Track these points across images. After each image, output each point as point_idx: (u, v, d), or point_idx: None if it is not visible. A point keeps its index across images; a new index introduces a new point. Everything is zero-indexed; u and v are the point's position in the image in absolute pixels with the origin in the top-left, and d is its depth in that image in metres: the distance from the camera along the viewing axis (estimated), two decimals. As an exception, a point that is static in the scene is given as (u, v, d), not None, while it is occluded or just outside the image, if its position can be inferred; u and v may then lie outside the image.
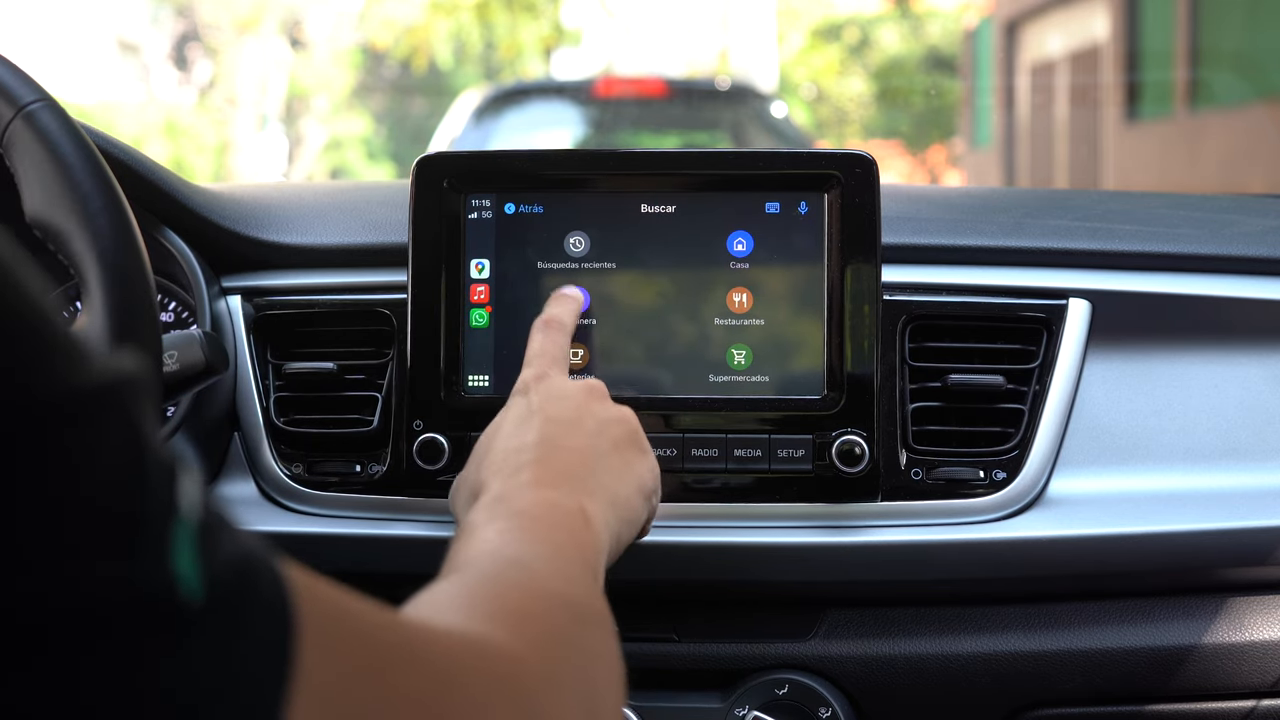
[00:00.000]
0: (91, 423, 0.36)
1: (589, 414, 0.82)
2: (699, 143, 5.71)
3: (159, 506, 0.37)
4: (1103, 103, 10.53)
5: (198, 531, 0.38)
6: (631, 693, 1.02)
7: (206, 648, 0.37)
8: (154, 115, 11.49)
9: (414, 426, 1.00)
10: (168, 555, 0.37)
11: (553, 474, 0.75)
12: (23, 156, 0.84)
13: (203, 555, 0.38)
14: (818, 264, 1.00)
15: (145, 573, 0.36)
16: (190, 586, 0.37)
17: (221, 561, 0.39)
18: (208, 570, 0.38)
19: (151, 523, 0.37)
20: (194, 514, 0.39)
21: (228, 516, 0.41)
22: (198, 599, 0.37)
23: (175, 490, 0.38)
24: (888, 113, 14.57)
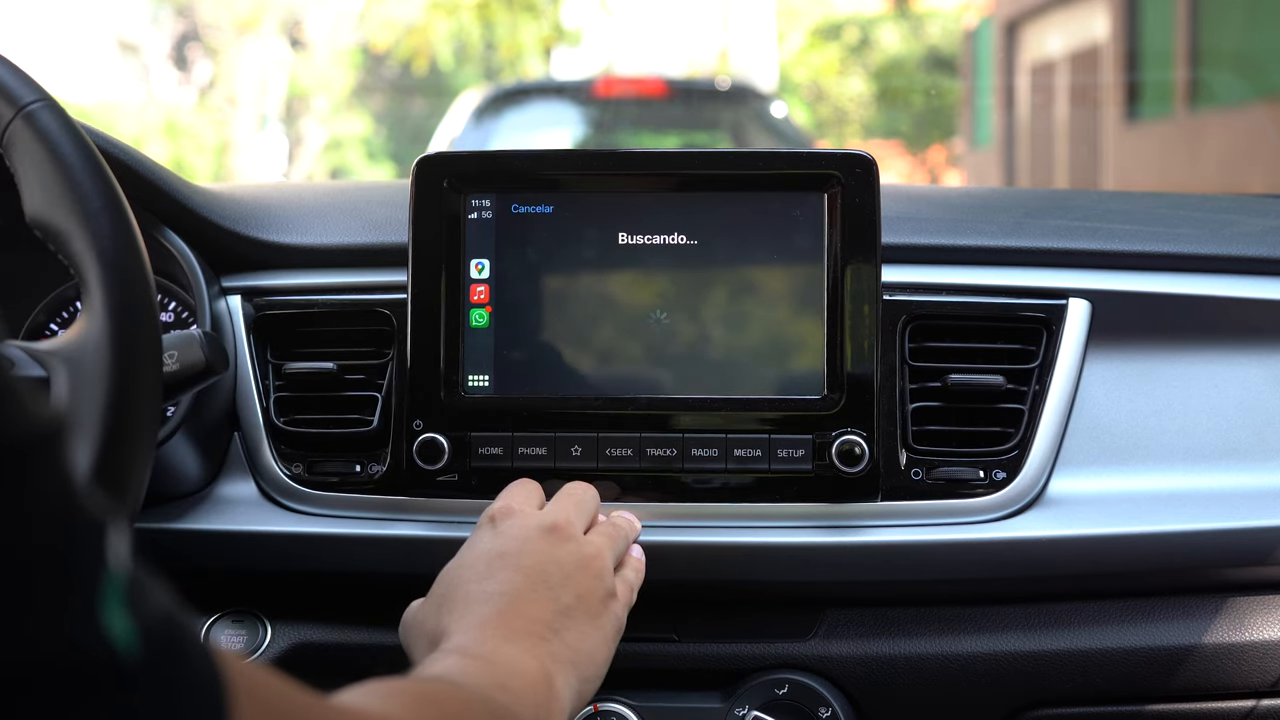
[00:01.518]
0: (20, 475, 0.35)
1: (553, 564, 0.82)
2: (699, 143, 5.71)
3: (89, 561, 0.37)
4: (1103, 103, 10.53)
5: (128, 588, 0.38)
6: (631, 693, 1.03)
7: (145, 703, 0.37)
8: (154, 115, 11.49)
9: (414, 426, 1.00)
10: (99, 612, 0.36)
11: (516, 631, 0.75)
12: (23, 156, 0.84)
13: (134, 611, 0.38)
14: (818, 264, 1.00)
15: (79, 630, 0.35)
16: (125, 643, 0.37)
17: (152, 617, 0.38)
18: (140, 626, 0.37)
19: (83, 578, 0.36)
20: (122, 569, 0.38)
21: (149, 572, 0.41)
22: (134, 655, 0.37)
23: (104, 544, 0.38)
24: (888, 113, 14.57)
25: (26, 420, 0.36)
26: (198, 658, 0.40)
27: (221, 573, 1.06)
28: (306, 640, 1.05)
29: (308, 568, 1.05)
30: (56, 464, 0.37)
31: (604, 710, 1.02)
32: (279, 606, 1.07)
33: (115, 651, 0.36)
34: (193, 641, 0.40)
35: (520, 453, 0.99)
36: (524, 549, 0.82)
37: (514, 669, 0.72)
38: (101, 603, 0.36)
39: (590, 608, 0.81)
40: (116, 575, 0.38)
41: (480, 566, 0.81)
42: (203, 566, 1.06)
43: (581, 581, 0.82)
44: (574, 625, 0.79)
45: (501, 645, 0.74)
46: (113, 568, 0.38)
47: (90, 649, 0.36)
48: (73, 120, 0.86)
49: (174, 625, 0.39)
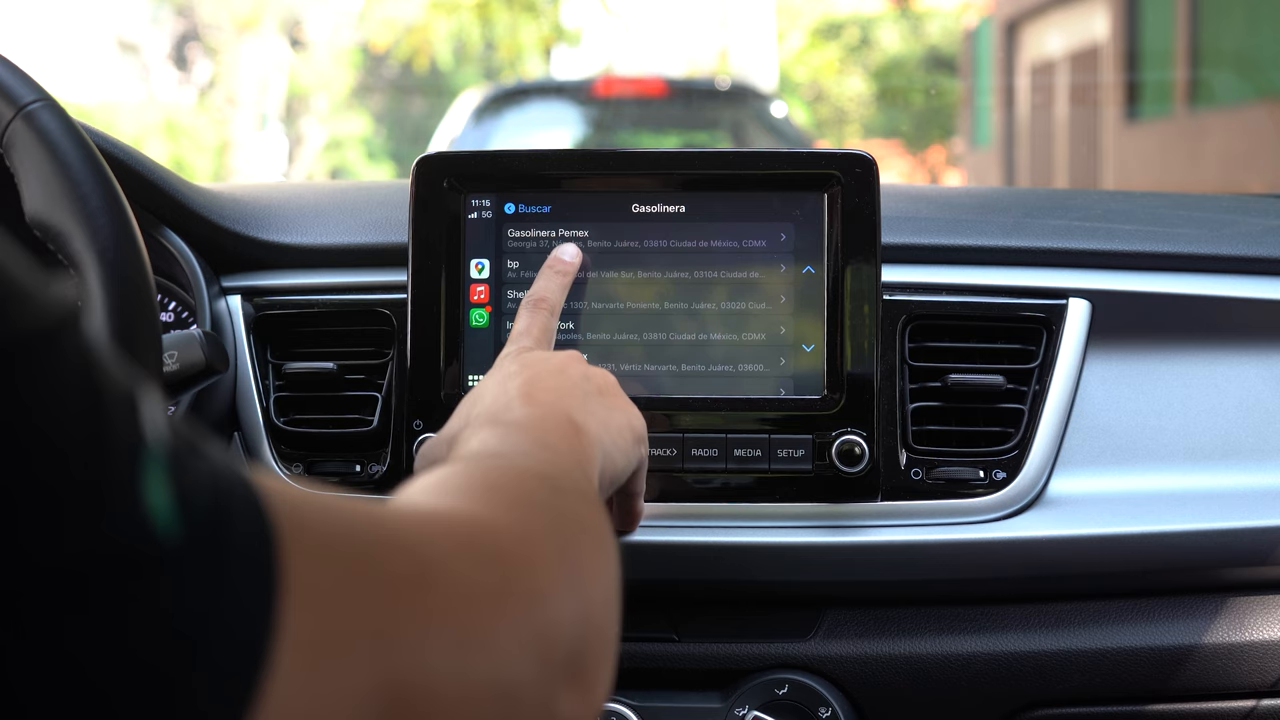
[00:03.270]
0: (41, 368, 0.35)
1: (575, 364, 0.82)
2: (699, 142, 5.71)
3: (124, 442, 0.36)
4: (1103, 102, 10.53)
5: (167, 460, 0.37)
6: (631, 693, 1.03)
7: (192, 582, 0.36)
8: (154, 115, 11.49)
9: (414, 426, 1.00)
10: (141, 494, 0.36)
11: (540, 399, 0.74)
12: (23, 156, 0.84)
13: (176, 486, 0.37)
14: (818, 264, 1.00)
15: (120, 520, 0.35)
16: (167, 524, 0.36)
17: (195, 488, 0.37)
18: (182, 502, 0.37)
19: (119, 463, 0.36)
20: (161, 441, 0.37)
21: (192, 434, 0.40)
22: (176, 537, 0.36)
23: (138, 419, 0.37)
24: (888, 113, 14.57)
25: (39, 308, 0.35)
26: (246, 519, 0.39)
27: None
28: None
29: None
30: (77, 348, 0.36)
31: (604, 710, 1.02)
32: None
33: (157, 537, 0.35)
34: (241, 498, 0.39)
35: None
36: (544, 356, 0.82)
37: (545, 425, 0.70)
38: (141, 485, 0.36)
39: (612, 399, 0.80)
40: (154, 450, 0.37)
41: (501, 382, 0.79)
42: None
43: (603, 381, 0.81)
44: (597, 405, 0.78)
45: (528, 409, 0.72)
46: (149, 444, 0.37)
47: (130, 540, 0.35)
48: (73, 120, 0.86)
49: (220, 488, 0.38)
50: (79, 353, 0.36)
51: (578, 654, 0.52)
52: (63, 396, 0.35)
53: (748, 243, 1.01)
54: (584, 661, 0.53)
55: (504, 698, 0.47)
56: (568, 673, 0.51)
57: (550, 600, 0.51)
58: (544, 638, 0.50)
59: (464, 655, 0.45)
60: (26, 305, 0.35)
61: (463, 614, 0.46)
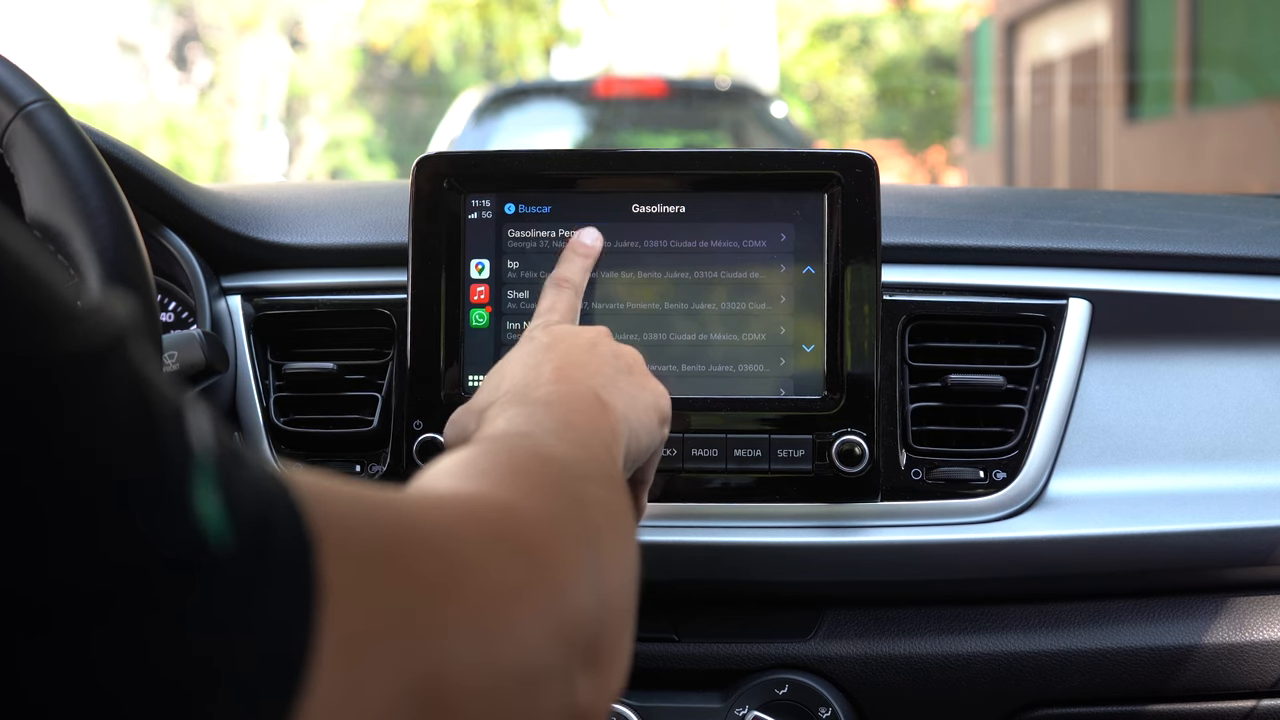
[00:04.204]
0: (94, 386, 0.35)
1: (604, 340, 0.82)
2: (699, 143, 5.71)
3: (175, 454, 0.37)
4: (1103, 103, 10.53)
5: (216, 470, 0.38)
6: (631, 693, 1.03)
7: (238, 592, 0.37)
8: (154, 115, 11.49)
9: (414, 426, 1.00)
10: (191, 505, 0.36)
11: (568, 374, 0.75)
12: (23, 156, 0.84)
13: (224, 495, 0.37)
14: (818, 264, 1.00)
15: (173, 532, 0.36)
16: (217, 532, 0.37)
17: (242, 497, 0.38)
18: (231, 511, 0.37)
19: (170, 474, 0.36)
20: (209, 452, 0.38)
21: (236, 443, 0.41)
22: (226, 546, 0.37)
23: (187, 431, 0.38)
24: (888, 113, 14.57)
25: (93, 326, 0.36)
26: (288, 526, 0.39)
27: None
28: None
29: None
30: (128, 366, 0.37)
31: (604, 710, 1.02)
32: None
33: (207, 546, 0.36)
34: (282, 507, 0.40)
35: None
36: (572, 334, 0.82)
37: (572, 403, 0.70)
38: (191, 496, 0.36)
39: (639, 378, 0.81)
40: (203, 462, 0.37)
41: (529, 357, 0.79)
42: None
43: (631, 360, 0.82)
44: (624, 384, 0.78)
45: (554, 386, 0.73)
46: (198, 456, 0.37)
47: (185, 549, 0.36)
48: (73, 120, 0.86)
49: (264, 497, 0.39)
50: (129, 372, 0.37)
51: (596, 639, 0.53)
52: (113, 416, 0.36)
53: (748, 243, 1.01)
54: (602, 647, 0.54)
55: (528, 685, 0.48)
56: (587, 659, 0.52)
57: (573, 590, 0.52)
58: (566, 626, 0.51)
59: (491, 648, 0.46)
60: (75, 326, 0.36)
61: (490, 609, 0.47)
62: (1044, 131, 11.48)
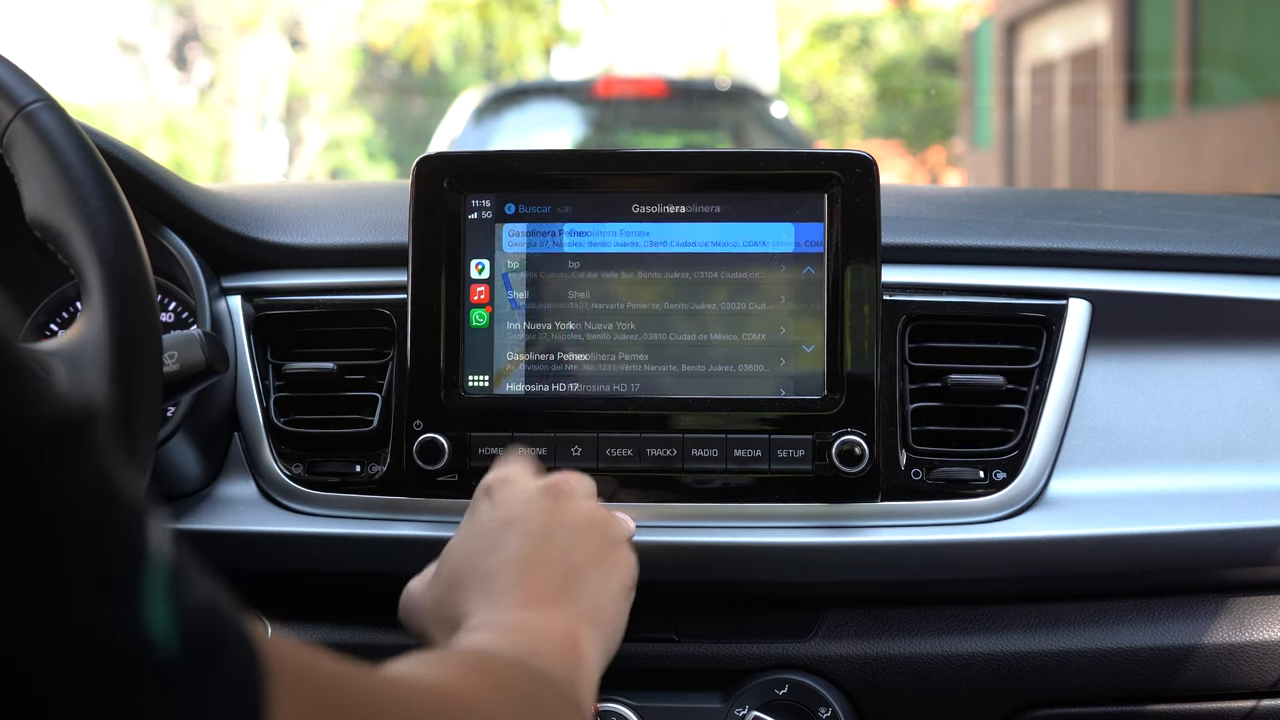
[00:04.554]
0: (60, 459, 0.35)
1: (557, 524, 0.80)
2: (699, 143, 5.71)
3: (131, 551, 0.36)
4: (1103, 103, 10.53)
5: (169, 576, 0.37)
6: (631, 693, 1.03)
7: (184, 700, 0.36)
8: (154, 115, 11.49)
9: (414, 426, 1.00)
10: (142, 600, 0.36)
11: (534, 597, 0.75)
12: (23, 156, 0.84)
13: (175, 603, 0.37)
14: (818, 264, 1.00)
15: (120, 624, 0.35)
16: (164, 636, 0.36)
17: (192, 609, 0.38)
18: (180, 618, 0.37)
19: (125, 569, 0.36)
20: (164, 556, 0.38)
21: (192, 561, 0.40)
22: (172, 650, 0.36)
23: (146, 529, 0.37)
24: (888, 113, 14.57)
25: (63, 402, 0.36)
26: (238, 647, 0.39)
27: (221, 573, 1.06)
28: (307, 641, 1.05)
29: (308, 568, 1.05)
30: (94, 450, 0.36)
31: (604, 710, 1.02)
32: (279, 606, 1.07)
33: (153, 644, 0.36)
34: (233, 629, 0.40)
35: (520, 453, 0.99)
36: (527, 512, 0.81)
37: (541, 634, 0.71)
38: (143, 592, 0.36)
39: (601, 562, 0.80)
40: (158, 563, 0.37)
41: (485, 539, 0.80)
42: (203, 567, 1.06)
43: (588, 538, 0.81)
44: (588, 583, 0.78)
45: (524, 614, 0.73)
46: (154, 556, 0.37)
47: (127, 639, 0.35)
48: (73, 120, 0.86)
49: (215, 614, 0.39)
50: (99, 452, 0.37)
51: None
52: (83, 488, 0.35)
53: (748, 243, 1.01)
54: None
55: None
56: None
57: None
58: None
59: None
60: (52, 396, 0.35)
61: None
62: (1044, 131, 11.48)
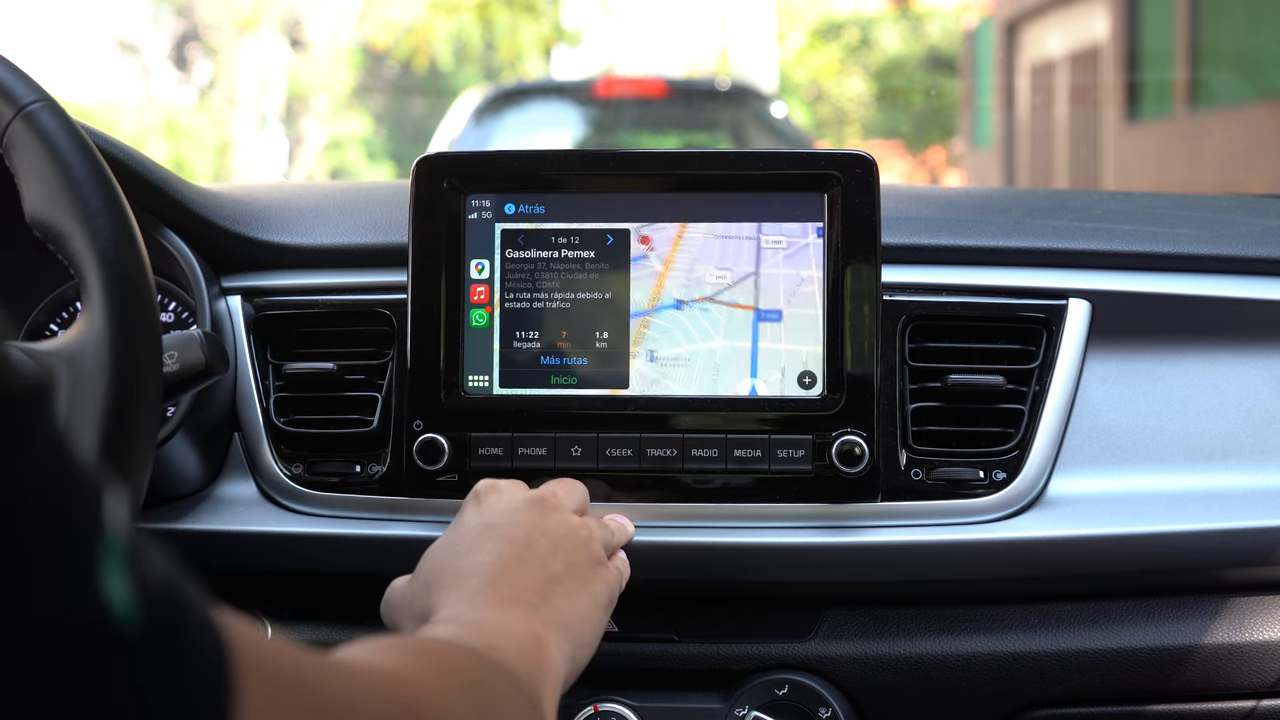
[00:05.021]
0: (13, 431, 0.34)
1: (540, 532, 0.81)
2: (699, 143, 5.71)
3: (85, 524, 0.36)
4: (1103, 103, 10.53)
5: (126, 551, 0.37)
6: (631, 693, 1.03)
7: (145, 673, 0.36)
8: (154, 115, 11.49)
9: (414, 427, 1.00)
10: (99, 576, 0.35)
11: (505, 599, 0.75)
12: (23, 156, 0.84)
13: (133, 576, 0.37)
14: (818, 264, 1.00)
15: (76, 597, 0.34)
16: (124, 610, 0.36)
17: (152, 583, 0.37)
18: (139, 592, 0.37)
19: (79, 542, 0.35)
20: (120, 532, 0.37)
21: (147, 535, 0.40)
22: (133, 624, 0.36)
23: (102, 505, 0.37)
24: (888, 113, 14.57)
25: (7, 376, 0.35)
26: (199, 624, 0.39)
27: (221, 573, 1.06)
28: (306, 640, 1.05)
29: (308, 568, 1.05)
30: (45, 423, 0.36)
31: (604, 710, 1.02)
32: (279, 606, 1.07)
33: (114, 619, 0.35)
34: (194, 608, 0.39)
35: (520, 453, 1.00)
36: (511, 520, 0.82)
37: (504, 632, 0.72)
38: (99, 567, 0.35)
39: (579, 574, 0.81)
40: (114, 539, 0.37)
41: (467, 541, 0.81)
42: (202, 566, 1.05)
43: (569, 549, 0.81)
44: (563, 591, 0.79)
45: (491, 613, 0.74)
46: (110, 531, 0.37)
47: (87, 616, 0.35)
48: (73, 120, 0.86)
49: (175, 591, 0.39)
50: (52, 430, 0.36)
51: None
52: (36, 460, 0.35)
53: (747, 242, 1.01)
54: None
55: None
56: None
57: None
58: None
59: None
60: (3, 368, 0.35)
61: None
62: (1044, 132, 11.48)
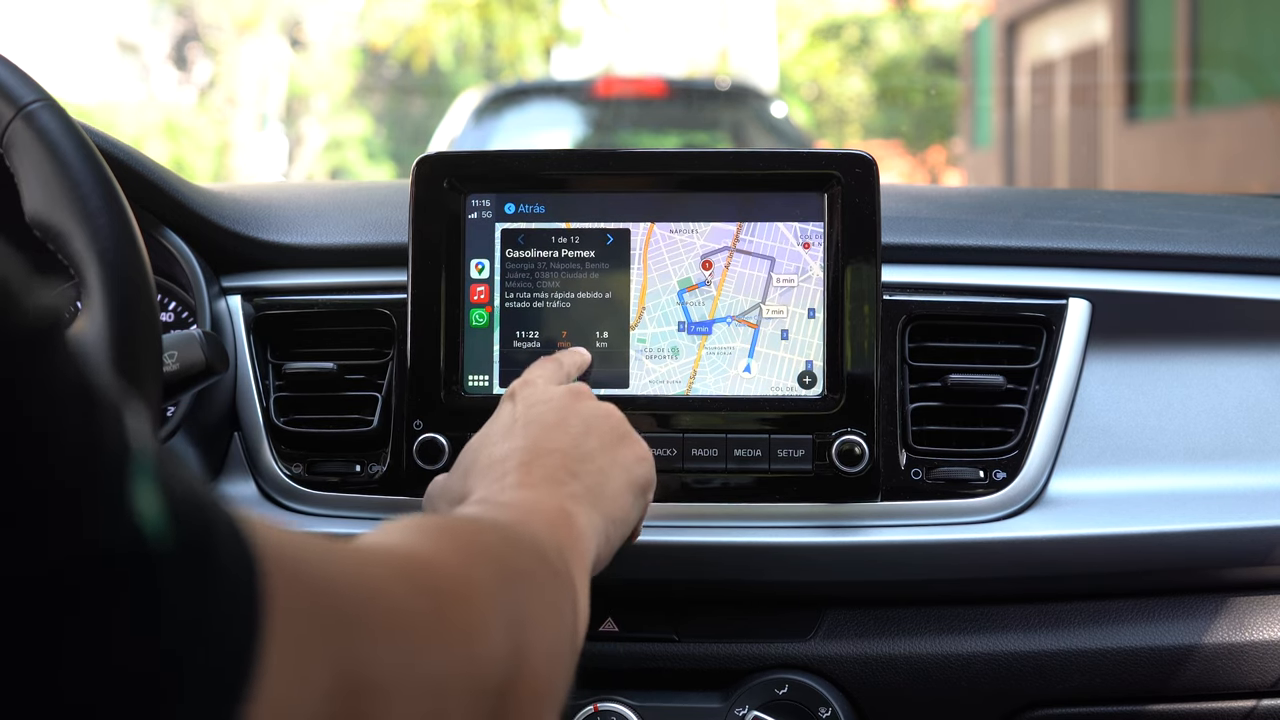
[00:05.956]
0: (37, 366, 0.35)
1: (573, 414, 0.82)
2: (699, 143, 5.71)
3: (114, 448, 0.36)
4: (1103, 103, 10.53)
5: (154, 471, 0.38)
6: (631, 693, 1.03)
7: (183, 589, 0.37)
8: (154, 115, 11.49)
9: (414, 426, 1.00)
10: (130, 500, 0.36)
11: (536, 478, 0.75)
12: (23, 156, 0.84)
13: (162, 495, 0.37)
14: (818, 263, 1.00)
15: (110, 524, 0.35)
16: (156, 530, 0.36)
17: (181, 500, 0.38)
18: (170, 511, 0.37)
19: (110, 468, 0.36)
20: (147, 452, 0.38)
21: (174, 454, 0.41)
22: (166, 544, 0.37)
23: (126, 428, 0.37)
24: (888, 113, 14.57)
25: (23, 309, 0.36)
26: (229, 536, 0.40)
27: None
28: None
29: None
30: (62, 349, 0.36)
31: (604, 710, 1.02)
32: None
33: (147, 536, 0.36)
34: (221, 517, 0.40)
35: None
36: (547, 407, 0.82)
37: (533, 509, 0.72)
38: (130, 485, 0.36)
39: (613, 453, 0.81)
40: (142, 455, 0.37)
41: (501, 431, 0.81)
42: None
43: (602, 429, 0.81)
44: (596, 469, 0.78)
45: (521, 493, 0.74)
46: (137, 450, 0.37)
47: (123, 535, 0.35)
48: (73, 120, 0.86)
49: (203, 505, 0.39)
50: (71, 357, 0.37)
51: (507, 690, 0.55)
52: (55, 397, 0.35)
53: (747, 242, 1.01)
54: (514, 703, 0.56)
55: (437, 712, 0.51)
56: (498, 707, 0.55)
57: (479, 634, 0.54)
58: (471, 663, 0.53)
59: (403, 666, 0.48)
60: (19, 304, 0.35)
61: (399, 634, 0.49)
62: (1044, 131, 11.48)
